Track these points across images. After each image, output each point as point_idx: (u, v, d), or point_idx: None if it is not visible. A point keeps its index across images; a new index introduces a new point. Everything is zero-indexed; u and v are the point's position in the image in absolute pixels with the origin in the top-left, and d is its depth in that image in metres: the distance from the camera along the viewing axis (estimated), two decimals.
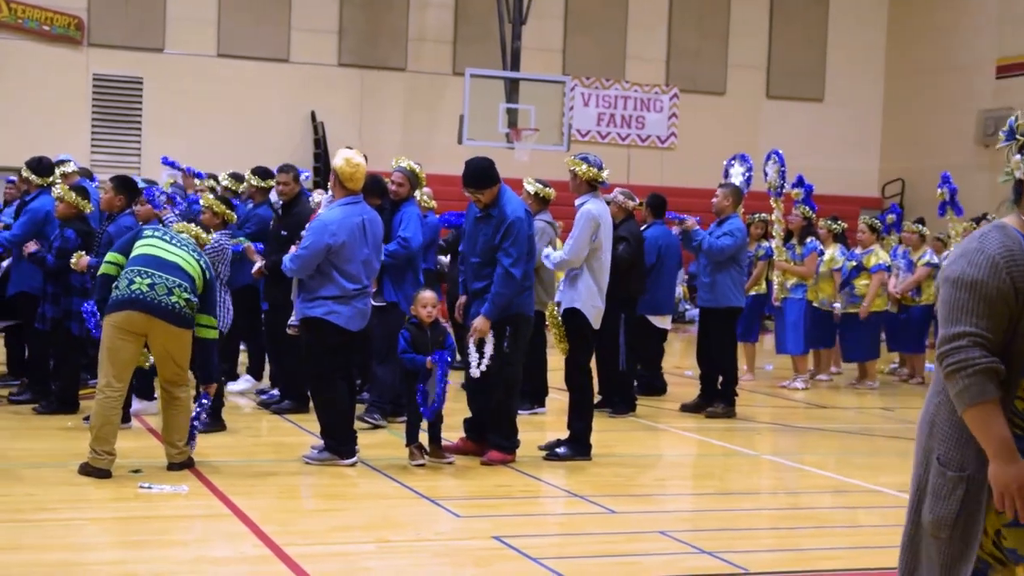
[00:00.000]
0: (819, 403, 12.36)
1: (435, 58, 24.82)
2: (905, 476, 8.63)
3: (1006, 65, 24.75)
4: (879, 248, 13.53)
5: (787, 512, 7.58)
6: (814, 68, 27.37)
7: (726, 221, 10.99)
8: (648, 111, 26.30)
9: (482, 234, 8.08)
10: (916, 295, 13.86)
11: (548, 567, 5.78)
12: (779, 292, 12.75)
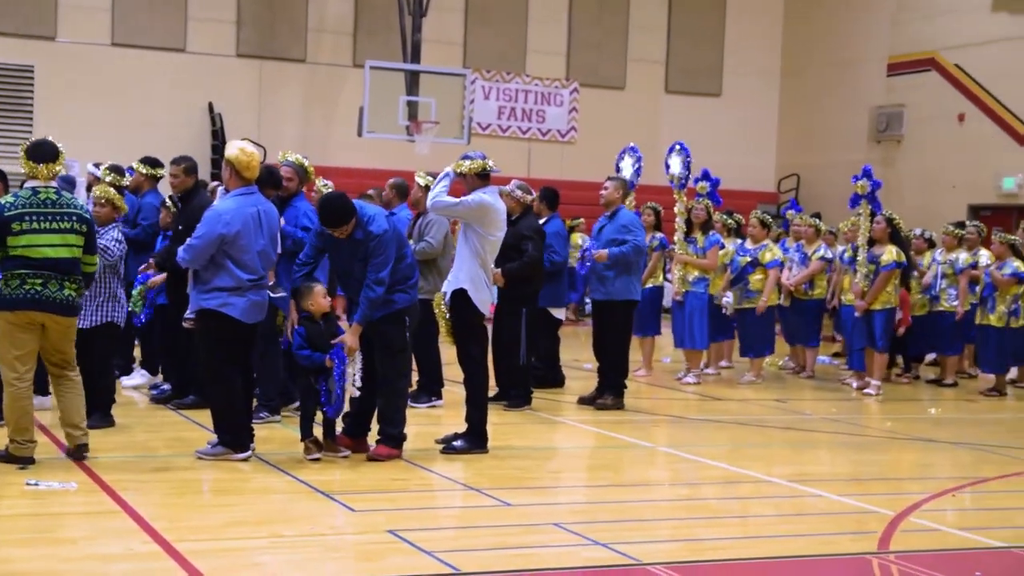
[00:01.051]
0: (714, 396, 12.51)
1: (335, 50, 24.65)
2: (797, 466, 8.86)
3: (897, 63, 25.26)
4: (772, 243, 13.70)
5: (681, 503, 7.66)
6: (712, 64, 27.67)
7: (617, 214, 11.08)
8: (549, 105, 26.38)
9: (347, 252, 8.01)
10: (809, 289, 14.06)
11: (442, 560, 5.78)
12: (680, 286, 12.80)
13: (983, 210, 23.17)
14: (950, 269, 14.00)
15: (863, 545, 6.48)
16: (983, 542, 6.69)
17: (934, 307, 14.05)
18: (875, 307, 12.74)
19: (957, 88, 23.94)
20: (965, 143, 23.74)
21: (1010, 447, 10.05)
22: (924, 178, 24.46)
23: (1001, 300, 13.17)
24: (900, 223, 13.03)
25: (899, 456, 9.81)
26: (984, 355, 13.48)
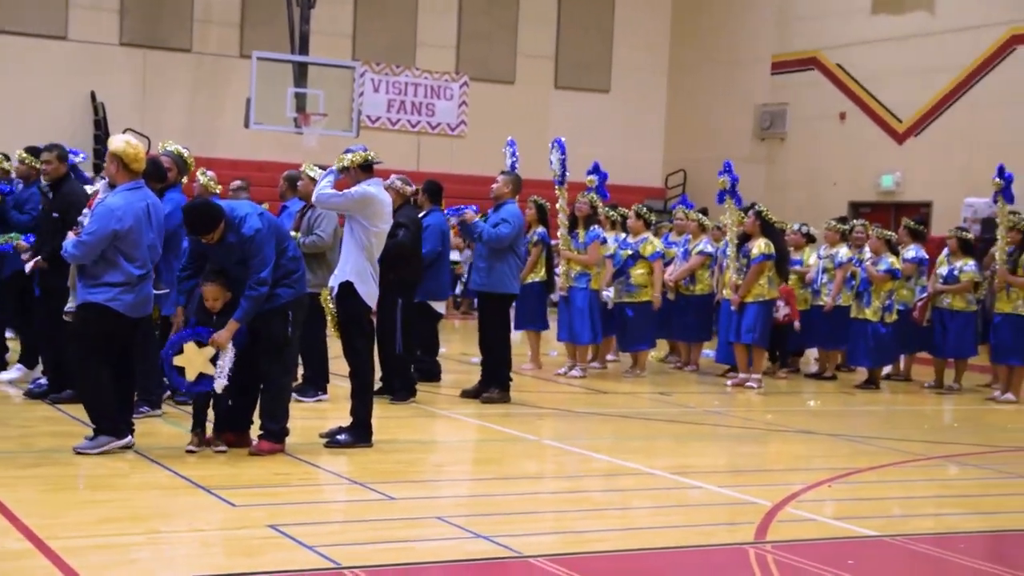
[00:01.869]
0: (599, 389, 12.61)
1: (221, 40, 24.35)
2: (680, 459, 8.97)
3: (781, 62, 25.73)
4: (652, 236, 13.84)
5: (564, 496, 7.70)
6: (601, 60, 27.90)
7: (502, 207, 11.13)
8: (438, 98, 26.37)
9: (223, 256, 7.91)
10: (690, 284, 14.22)
11: (323, 555, 5.74)
12: (564, 281, 12.90)
13: (863, 207, 23.70)
14: (831, 264, 14.28)
15: (741, 535, 6.59)
16: (857, 531, 6.84)
17: (815, 301, 14.33)
18: (748, 300, 12.95)
19: (838, 87, 24.47)
20: (846, 141, 24.27)
21: (884, 438, 10.30)
22: (807, 175, 24.95)
23: (876, 295, 13.48)
24: (770, 216, 13.24)
25: (778, 448, 9.99)
26: (859, 349, 13.77)
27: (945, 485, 8.70)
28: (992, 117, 21.70)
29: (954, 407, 12.90)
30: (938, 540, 6.72)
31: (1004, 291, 12.99)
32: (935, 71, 22.60)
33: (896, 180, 23.28)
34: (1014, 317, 12.93)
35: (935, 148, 22.30)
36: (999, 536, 7.21)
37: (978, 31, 22.00)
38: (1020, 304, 12.93)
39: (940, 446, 10.23)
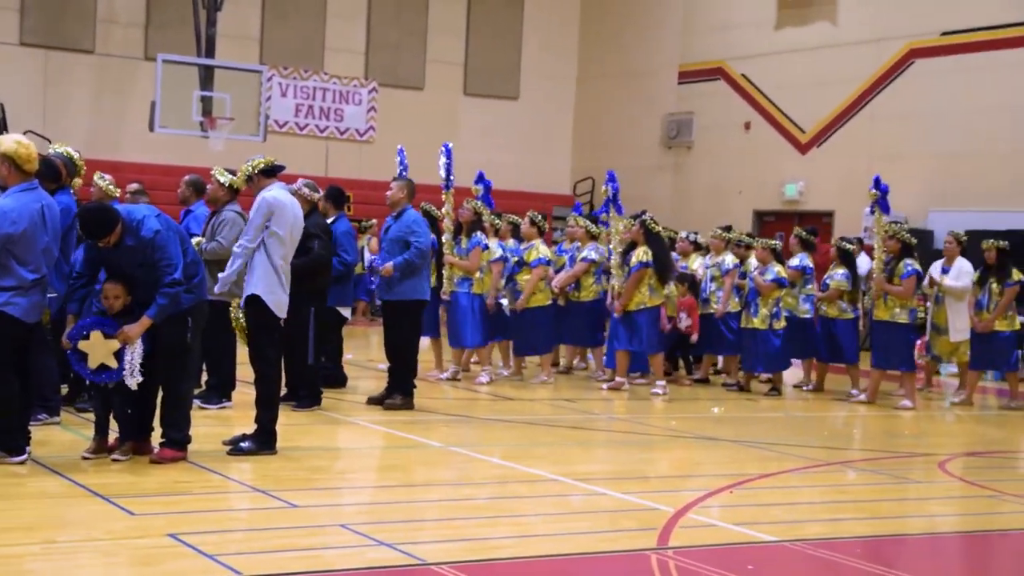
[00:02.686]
0: (505, 395, 12.64)
1: (126, 41, 24.01)
2: (585, 465, 9.02)
3: (687, 71, 26.01)
4: (540, 243, 13.92)
5: (469, 503, 7.70)
6: (510, 67, 27.99)
7: (402, 214, 11.13)
8: (347, 104, 26.25)
9: (124, 260, 7.79)
10: (576, 290, 14.32)
11: (225, 564, 5.68)
12: (447, 286, 12.92)
13: (767, 215, 24.06)
14: (718, 272, 14.50)
15: (643, 541, 6.64)
16: (757, 537, 6.93)
17: (705, 309, 14.52)
18: (631, 308, 13.08)
19: (743, 97, 24.81)
20: (751, 150, 24.60)
21: (786, 444, 10.45)
22: (712, 184, 25.25)
23: (764, 303, 13.71)
24: (655, 224, 13.40)
25: (682, 454, 10.09)
26: (752, 357, 13.99)
27: (843, 490, 8.85)
28: (891, 128, 22.16)
29: (853, 414, 13.12)
30: (835, 545, 6.83)
31: (881, 299, 13.30)
32: (837, 83, 23.01)
33: (799, 189, 23.65)
34: (892, 324, 13.24)
35: (837, 158, 22.71)
36: (894, 540, 7.34)
37: (878, 44, 22.45)
38: (898, 312, 13.23)
39: (840, 452, 10.41)
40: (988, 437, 12.30)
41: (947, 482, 9.23)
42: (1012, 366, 13.95)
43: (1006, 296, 13.61)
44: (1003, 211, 19.77)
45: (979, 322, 13.74)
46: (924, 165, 21.62)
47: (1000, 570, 6.74)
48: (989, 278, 13.78)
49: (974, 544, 7.42)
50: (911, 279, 13.20)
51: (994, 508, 8.38)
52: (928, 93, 21.65)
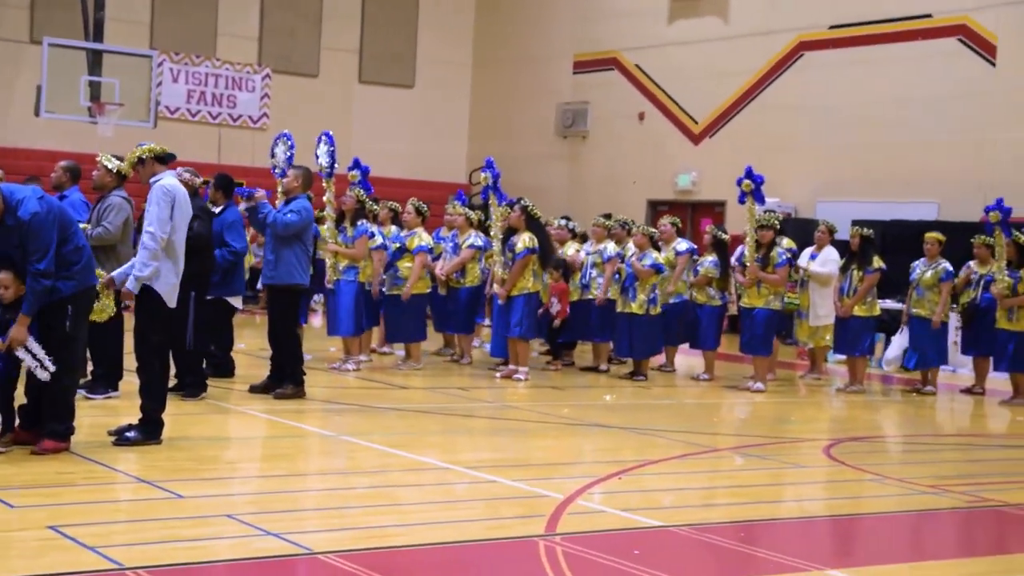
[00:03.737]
0: (397, 384, 12.62)
1: (11, 24, 23.45)
2: (476, 453, 9.04)
3: (582, 61, 26.15)
4: (422, 231, 13.92)
5: (358, 491, 7.67)
6: (405, 55, 27.89)
7: (293, 201, 11.06)
8: (240, 90, 25.93)
9: (4, 242, 7.63)
10: (461, 277, 14.34)
11: (107, 556, 5.60)
12: (331, 274, 12.85)
13: (661, 205, 24.30)
14: (599, 259, 14.64)
15: (531, 528, 6.67)
16: (644, 522, 7.01)
17: (584, 295, 14.65)
18: (514, 293, 13.16)
19: (637, 88, 25.01)
20: (645, 141, 24.82)
21: (676, 431, 10.57)
22: (607, 173, 25.43)
23: (641, 289, 13.88)
24: (536, 211, 13.51)
25: (572, 441, 10.16)
26: (625, 342, 14.14)
27: (730, 476, 8.98)
28: (781, 120, 22.50)
29: (741, 400, 13.31)
30: (720, 529, 6.93)
31: (755, 287, 13.49)
32: (728, 75, 23.30)
33: (692, 179, 23.92)
34: (765, 311, 13.46)
35: (729, 149, 22.99)
36: (777, 524, 7.48)
37: (768, 37, 22.78)
38: (771, 299, 13.47)
39: (728, 438, 10.56)
40: (872, 422, 12.57)
41: (831, 466, 9.42)
42: (865, 351, 14.23)
43: (866, 282, 13.89)
44: (888, 202, 20.22)
45: (840, 307, 14.03)
46: (813, 156, 22.00)
47: (880, 551, 6.89)
48: (852, 264, 14.07)
49: (855, 526, 7.59)
50: (785, 268, 13.51)
51: (876, 491, 8.56)
52: (817, 85, 22.03)
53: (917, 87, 20.72)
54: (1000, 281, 13.75)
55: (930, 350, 14.27)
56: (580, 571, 5.85)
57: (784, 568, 6.21)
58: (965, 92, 20.12)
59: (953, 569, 6.49)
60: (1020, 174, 19.13)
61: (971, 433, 12.38)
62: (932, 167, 20.27)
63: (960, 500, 8.22)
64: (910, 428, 12.33)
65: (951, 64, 20.37)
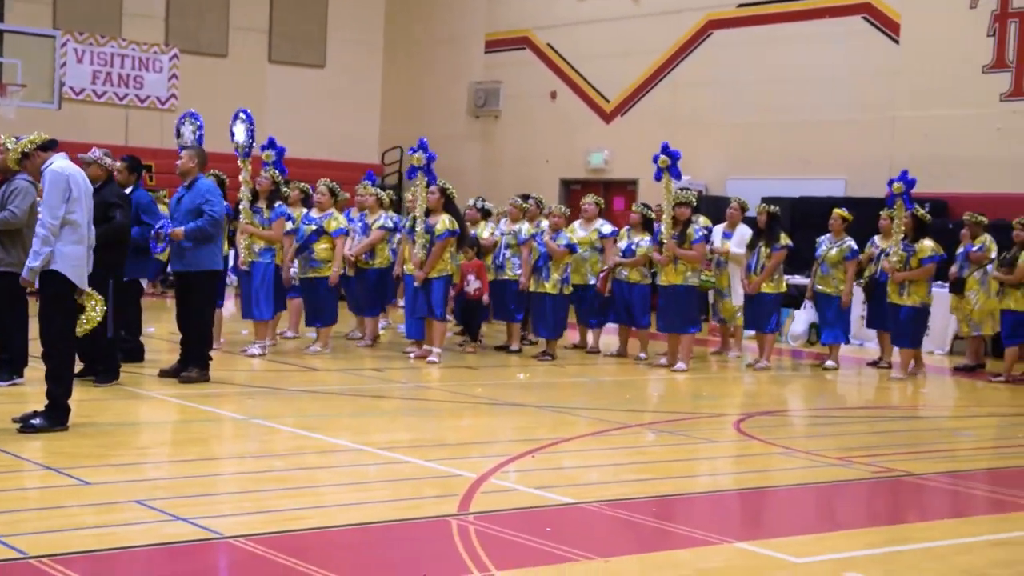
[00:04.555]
0: (310, 366, 12.55)
1: None
2: (389, 434, 9.02)
3: (494, 40, 26.10)
4: (337, 212, 13.82)
5: (271, 475, 7.61)
6: (316, 34, 27.64)
7: (195, 183, 10.92)
8: (147, 71, 25.52)
9: None
10: (370, 258, 14.28)
11: (10, 545, 5.51)
12: (246, 256, 12.72)
13: (574, 184, 24.37)
14: (514, 240, 14.64)
15: (445, 508, 6.68)
16: (556, 500, 7.04)
17: (499, 276, 14.65)
18: (433, 275, 13.14)
19: (549, 67, 25.02)
20: (557, 119, 24.85)
21: (590, 409, 10.65)
22: (520, 153, 25.44)
23: (555, 269, 13.91)
24: (454, 193, 13.49)
25: (487, 421, 10.18)
26: (539, 321, 14.15)
27: (642, 452, 9.05)
28: (691, 98, 22.66)
29: (654, 377, 13.42)
30: (632, 505, 6.99)
31: (671, 264, 13.53)
32: (639, 53, 23.40)
33: (605, 158, 24.00)
34: (683, 288, 13.54)
35: (640, 127, 23.09)
36: (688, 498, 7.56)
37: (678, 16, 22.89)
38: (689, 275, 13.54)
39: (641, 414, 10.65)
40: (780, 396, 12.76)
41: (741, 441, 9.54)
42: (773, 327, 14.34)
43: (773, 259, 14.00)
44: (797, 179, 20.45)
45: (748, 284, 14.14)
46: (723, 134, 22.18)
47: (788, 523, 7.00)
48: (759, 242, 14.17)
49: (765, 499, 7.69)
50: (702, 244, 13.58)
51: (785, 464, 8.69)
52: (726, 63, 22.20)
53: (824, 65, 20.96)
54: (894, 254, 13.82)
55: (834, 326, 14.45)
56: (493, 549, 5.86)
57: (696, 542, 6.28)
58: (871, 70, 20.40)
59: (859, 538, 6.60)
60: (925, 151, 19.46)
61: (875, 405, 12.60)
62: (840, 144, 20.54)
63: (865, 471, 8.38)
64: (817, 402, 12.52)
65: (857, 42, 20.63)
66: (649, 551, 6.10)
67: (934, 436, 10.81)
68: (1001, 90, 19.04)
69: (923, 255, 13.62)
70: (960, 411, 12.58)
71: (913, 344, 13.89)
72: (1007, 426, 11.49)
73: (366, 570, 5.59)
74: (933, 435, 10.88)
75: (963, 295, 15.19)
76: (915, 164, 19.11)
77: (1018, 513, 7.34)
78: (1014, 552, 6.40)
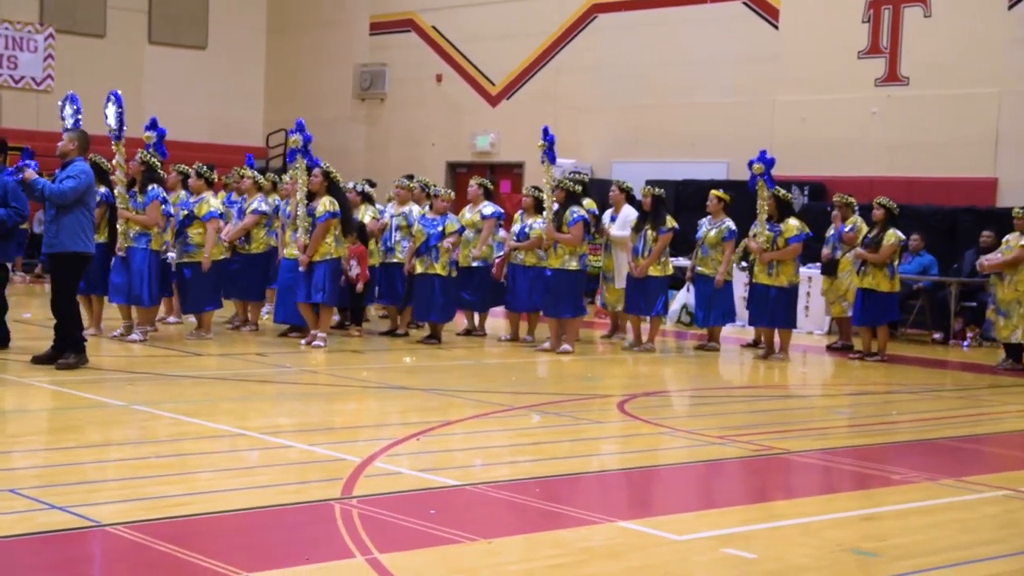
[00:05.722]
0: (192, 351, 12.39)
1: None
2: (273, 419, 8.94)
3: (379, 22, 25.97)
4: (211, 196, 13.65)
5: (151, 461, 7.49)
6: (197, 15, 27.23)
7: (70, 165, 10.71)
8: (21, 51, 24.91)
9: None
10: (245, 243, 14.14)
11: None
12: (123, 241, 12.52)
13: (460, 167, 24.39)
14: (404, 222, 14.61)
15: (328, 492, 6.64)
16: (440, 482, 7.05)
17: (388, 259, 14.60)
18: (315, 259, 13.05)
19: (435, 49, 24.98)
20: (443, 102, 24.83)
21: (475, 391, 10.67)
22: (407, 135, 25.37)
23: (444, 252, 13.87)
24: (337, 176, 13.42)
25: (372, 404, 10.15)
26: (424, 305, 14.07)
27: (525, 433, 9.10)
28: (576, 81, 22.80)
29: (541, 360, 13.50)
30: (516, 486, 7.03)
31: (552, 248, 13.61)
32: (524, 36, 23.46)
33: (491, 141, 24.04)
34: (563, 272, 13.60)
35: (526, 110, 23.19)
36: (572, 478, 7.62)
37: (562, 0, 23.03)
38: (567, 259, 13.59)
39: (525, 396, 10.70)
40: (664, 377, 12.92)
41: (625, 421, 9.64)
42: (658, 310, 14.45)
43: (659, 242, 14.09)
44: (680, 161, 20.72)
45: (635, 267, 14.24)
46: (608, 117, 22.35)
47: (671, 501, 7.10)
48: (645, 225, 14.27)
49: (648, 478, 7.79)
50: (578, 225, 13.60)
51: (668, 444, 8.82)
52: (610, 47, 22.36)
53: (706, 50, 21.24)
54: (760, 235, 13.94)
55: (715, 308, 14.61)
56: (376, 533, 5.85)
57: (580, 521, 6.33)
58: (751, 55, 20.72)
59: (738, 515, 6.72)
60: (804, 134, 19.85)
61: (754, 385, 12.83)
62: (722, 127, 20.84)
63: (744, 449, 8.53)
64: (699, 382, 12.71)
65: (738, 27, 20.94)
66: (533, 531, 6.13)
67: (810, 415, 11.05)
68: (876, 75, 19.49)
69: (789, 234, 13.80)
70: (835, 390, 12.87)
71: (787, 324, 14.10)
72: (880, 404, 11.79)
73: (248, 556, 5.53)
74: (809, 413, 11.12)
75: (836, 276, 15.49)
76: (794, 147, 19.52)
77: (888, 488, 7.54)
78: (883, 526, 6.57)
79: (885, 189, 18.93)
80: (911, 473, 7.95)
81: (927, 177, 18.77)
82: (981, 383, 13.28)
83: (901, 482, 7.70)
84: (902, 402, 11.78)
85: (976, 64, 18.69)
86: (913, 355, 15.58)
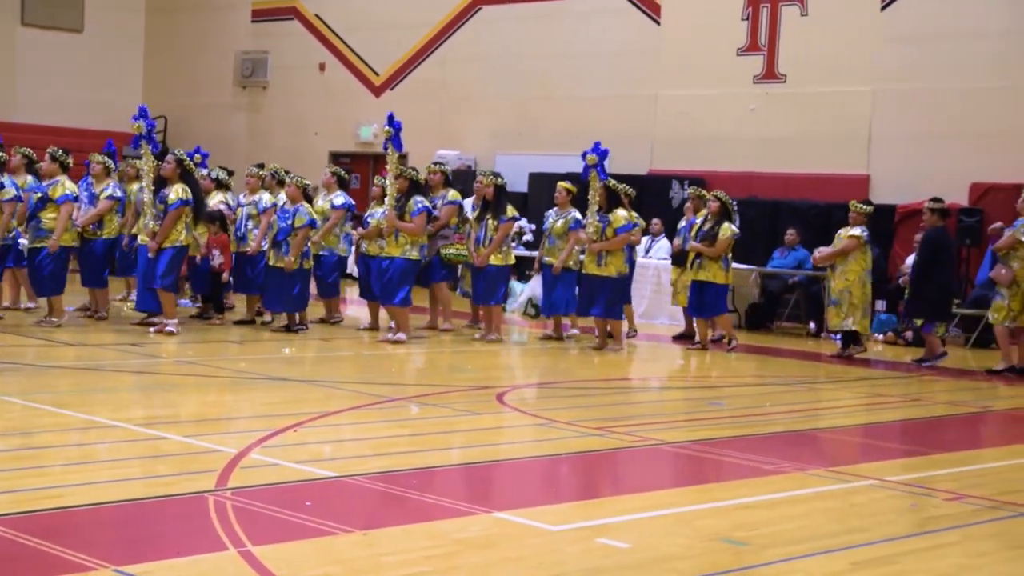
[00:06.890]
0: (59, 340, 12.13)
1: None
2: (146, 410, 8.80)
3: (261, 9, 25.69)
4: (66, 179, 13.40)
5: (17, 453, 7.32)
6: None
7: None
8: None
9: None
10: (97, 228, 13.91)
11: None
12: None
13: (343, 157, 24.21)
14: (255, 210, 14.49)
15: (202, 484, 6.56)
16: (317, 474, 7.01)
17: (241, 247, 14.48)
18: (165, 245, 12.89)
19: (318, 38, 24.78)
20: (326, 92, 24.65)
21: (355, 382, 10.63)
22: (290, 124, 25.13)
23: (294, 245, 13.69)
24: (191, 164, 13.29)
25: (249, 395, 10.04)
26: (275, 296, 13.81)
27: (404, 425, 9.08)
28: (461, 73, 22.80)
29: (421, 350, 13.48)
30: (393, 477, 7.01)
31: (392, 236, 13.52)
32: (409, 27, 23.39)
33: (374, 131, 23.91)
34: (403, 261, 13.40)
35: (410, 102, 23.09)
36: (451, 470, 7.64)
37: None
38: (409, 248, 13.41)
39: (406, 388, 10.68)
40: (545, 368, 13.00)
41: (503, 412, 9.68)
42: (499, 299, 14.48)
43: (500, 231, 14.09)
44: (563, 154, 20.81)
45: (476, 256, 14.23)
46: (492, 109, 22.39)
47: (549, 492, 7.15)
48: (486, 214, 14.27)
49: (527, 469, 7.83)
50: (421, 216, 13.53)
51: (547, 435, 8.87)
52: (494, 39, 22.41)
53: (589, 43, 21.39)
54: (589, 225, 14.00)
55: (559, 297, 14.61)
56: (250, 525, 5.80)
57: (456, 513, 6.35)
58: (634, 49, 20.92)
59: (614, 505, 6.80)
60: (685, 129, 20.11)
61: (628, 377, 12.97)
62: (604, 121, 20.98)
63: (622, 440, 8.62)
64: (576, 374, 12.80)
65: (620, 21, 21.13)
66: (409, 523, 6.13)
67: (687, 406, 11.22)
68: (754, 72, 19.82)
69: (617, 224, 13.95)
70: (711, 382, 13.07)
71: (618, 315, 14.26)
72: (754, 395, 12.01)
73: (119, 549, 5.44)
74: (686, 405, 11.28)
75: (684, 267, 15.70)
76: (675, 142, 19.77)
77: (760, 478, 7.69)
78: (754, 515, 6.70)
79: (763, 184, 19.32)
80: (783, 463, 8.12)
81: (803, 173, 19.14)
82: (851, 375, 13.60)
83: (773, 472, 7.86)
84: (776, 394, 12.02)
85: (850, 63, 19.11)
86: (787, 347, 15.89)
